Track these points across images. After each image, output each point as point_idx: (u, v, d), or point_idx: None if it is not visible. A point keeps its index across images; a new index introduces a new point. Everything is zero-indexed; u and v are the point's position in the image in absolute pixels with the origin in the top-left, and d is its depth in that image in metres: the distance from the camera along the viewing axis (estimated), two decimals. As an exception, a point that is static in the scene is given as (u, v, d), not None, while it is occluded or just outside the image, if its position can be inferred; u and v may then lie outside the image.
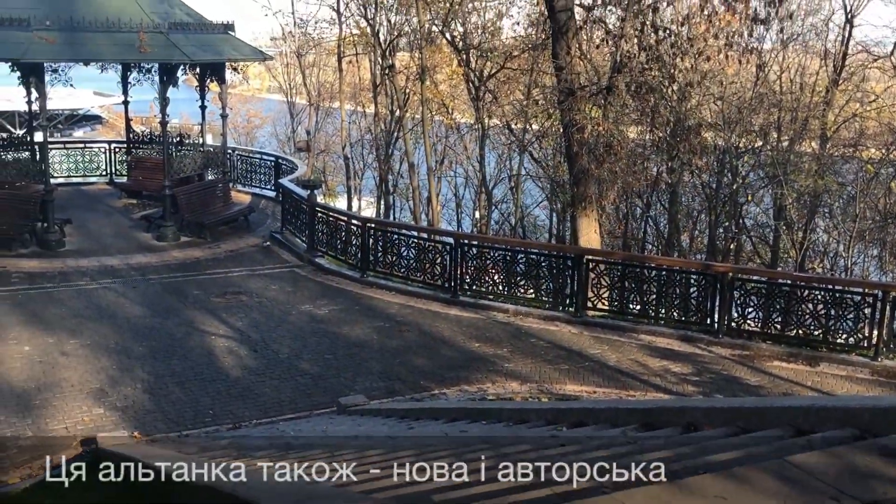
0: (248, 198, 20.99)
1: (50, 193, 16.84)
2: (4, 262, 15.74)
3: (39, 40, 15.41)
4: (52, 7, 16.14)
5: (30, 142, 20.53)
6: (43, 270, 15.41)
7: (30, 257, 16.11)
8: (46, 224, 16.68)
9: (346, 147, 33.33)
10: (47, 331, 12.18)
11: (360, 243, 15.72)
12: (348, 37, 29.98)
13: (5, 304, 13.53)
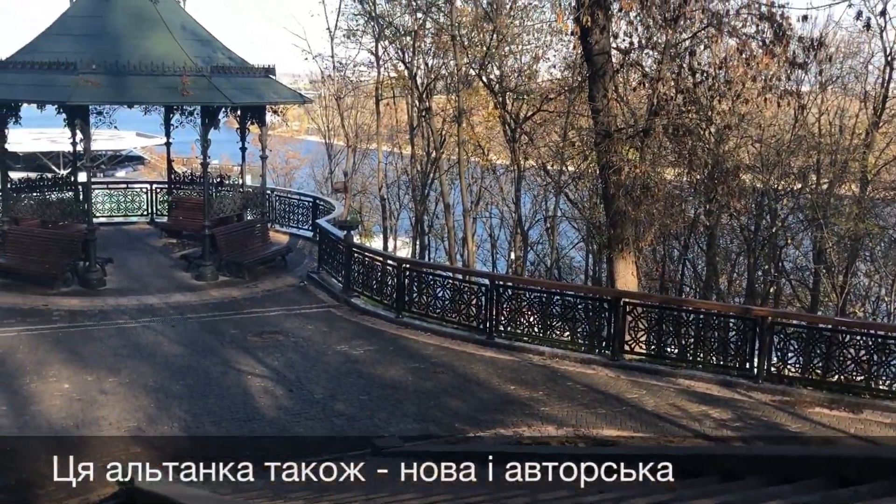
0: (285, 238, 21.18)
1: (92, 233, 17.13)
2: (46, 300, 16.01)
3: (85, 84, 15.80)
4: (99, 51, 16.57)
5: (74, 182, 20.94)
6: (84, 309, 15.63)
7: (71, 296, 16.36)
8: (88, 263, 16.94)
9: (382, 188, 33.61)
10: (86, 369, 12.32)
11: (395, 284, 15.75)
12: (386, 80, 30.37)
13: (46, 341, 13.73)
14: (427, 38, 27.42)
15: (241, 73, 18.00)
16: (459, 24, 24.23)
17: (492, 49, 24.26)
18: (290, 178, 52.37)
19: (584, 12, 15.18)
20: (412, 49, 28.01)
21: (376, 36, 28.83)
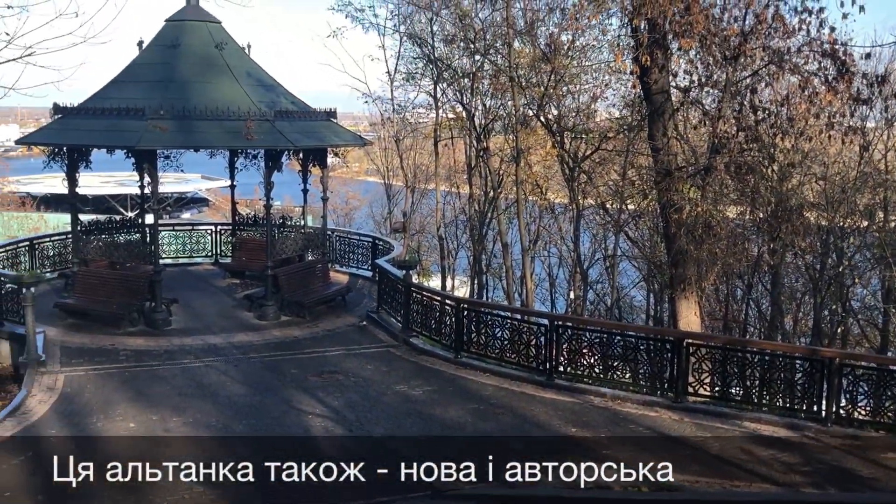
0: (345, 277, 21.39)
1: (159, 274, 17.53)
2: (113, 339, 16.38)
3: (154, 129, 16.30)
4: (167, 97, 17.10)
5: (141, 224, 21.49)
6: (149, 348, 15.95)
7: (137, 335, 16.71)
8: (154, 303, 17.32)
9: (440, 227, 33.78)
10: (151, 408, 12.55)
11: (453, 323, 15.76)
12: (444, 121, 30.66)
13: (113, 380, 14.05)
14: (485, 79, 27.65)
15: (304, 117, 18.40)
16: (517, 66, 24.40)
17: (549, 89, 24.34)
18: (349, 219, 53.06)
19: (642, 52, 15.20)
20: (470, 90, 28.26)
21: (435, 79, 29.18)
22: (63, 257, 21.14)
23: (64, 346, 15.76)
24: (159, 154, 18.61)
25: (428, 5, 27.14)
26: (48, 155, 18.40)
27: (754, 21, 15.17)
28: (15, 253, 20.39)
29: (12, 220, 49.09)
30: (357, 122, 47.38)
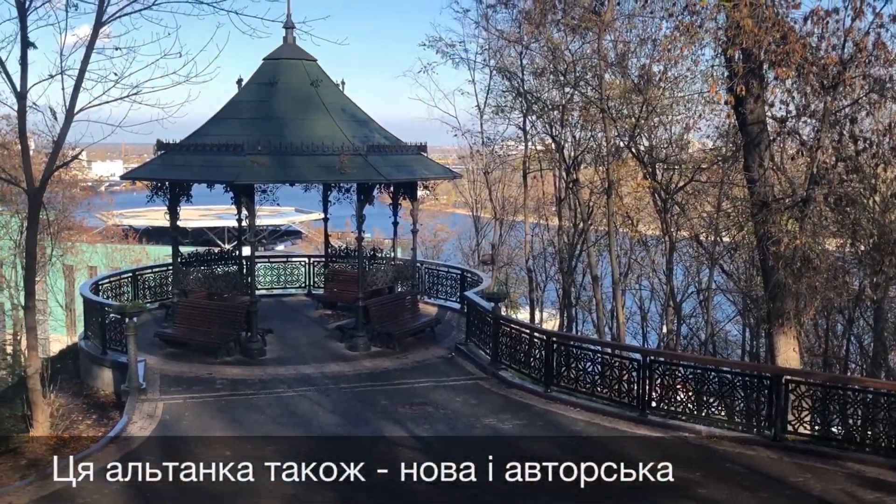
0: (434, 309, 21.50)
1: (255, 304, 17.97)
2: (210, 368, 16.83)
3: (252, 164, 16.82)
4: (265, 133, 17.62)
5: (238, 256, 22.10)
6: (245, 378, 16.33)
7: (233, 365, 17.14)
8: (250, 334, 17.74)
9: (528, 260, 33.65)
10: (247, 437, 12.80)
11: (543, 357, 15.64)
12: (533, 153, 30.67)
13: (210, 409, 14.42)
14: (574, 111, 27.59)
15: (395, 151, 18.71)
16: (608, 97, 24.29)
17: (641, 120, 24.13)
18: (437, 251, 53.34)
19: (738, 82, 14.93)
20: (560, 122, 28.24)
21: (524, 111, 29.26)
22: (163, 288, 21.89)
23: (163, 375, 16.27)
24: (257, 188, 19.13)
25: (518, 39, 27.32)
26: (151, 189, 19.16)
27: (854, 49, 14.75)
28: (118, 284, 21.21)
29: (116, 252, 51.09)
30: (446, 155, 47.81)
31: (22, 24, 13.54)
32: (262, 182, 19.44)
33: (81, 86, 13.88)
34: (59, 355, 21.30)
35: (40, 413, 14.18)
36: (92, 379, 17.10)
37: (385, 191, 19.87)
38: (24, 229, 32.81)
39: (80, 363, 18.04)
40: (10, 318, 38.44)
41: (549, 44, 26.02)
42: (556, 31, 25.23)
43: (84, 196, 47.08)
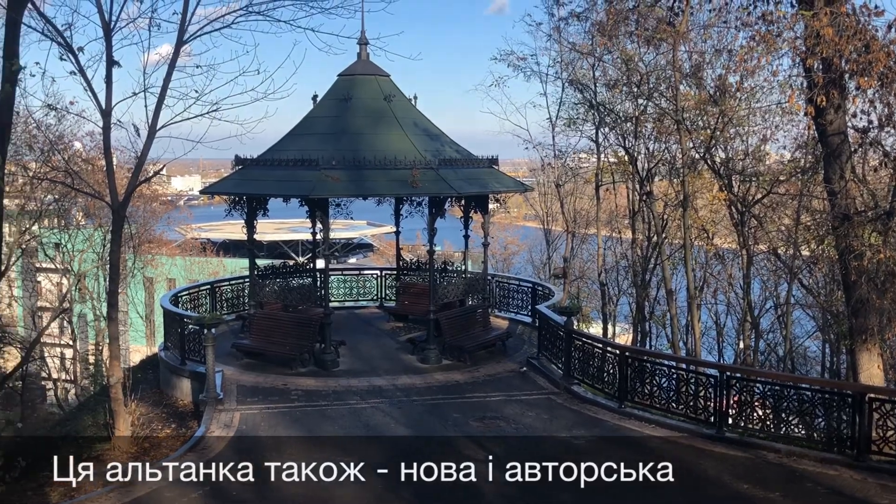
0: (505, 323, 21.45)
1: (328, 317, 18.20)
2: (285, 379, 17.08)
3: (326, 178, 17.07)
4: (339, 148, 17.89)
5: (312, 269, 22.41)
6: (318, 389, 16.53)
7: (307, 376, 17.36)
8: (324, 345, 17.97)
9: (601, 273, 33.34)
10: (321, 447, 12.93)
11: (616, 372, 15.45)
12: (606, 165, 30.42)
13: (285, 419, 14.63)
14: (648, 123, 27.28)
15: (467, 165, 18.77)
16: (683, 109, 23.96)
17: (717, 132, 23.71)
18: (508, 264, 53.25)
19: (818, 92, 14.55)
20: (633, 134, 27.96)
21: (596, 123, 29.07)
22: (239, 300, 22.33)
23: (240, 385, 16.59)
24: (331, 202, 19.40)
25: (590, 51, 27.17)
26: (229, 203, 19.60)
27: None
28: (197, 295, 21.71)
29: (194, 265, 52.39)
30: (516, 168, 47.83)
31: (107, 43, 14.03)
32: (336, 196, 19.70)
33: (163, 103, 14.31)
34: (140, 365, 21.88)
35: (122, 421, 14.58)
36: (171, 388, 17.53)
37: (456, 204, 19.96)
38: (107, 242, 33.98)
39: (160, 373, 18.51)
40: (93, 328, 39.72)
41: (622, 55, 25.81)
42: (630, 42, 25.01)
43: (164, 210, 48.47)
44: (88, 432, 16.79)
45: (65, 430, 18.24)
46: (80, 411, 20.17)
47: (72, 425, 18.36)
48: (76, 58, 13.77)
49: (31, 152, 27.11)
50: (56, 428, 20.04)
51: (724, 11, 18.69)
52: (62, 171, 22.45)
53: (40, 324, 37.60)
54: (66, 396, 37.29)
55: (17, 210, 29.89)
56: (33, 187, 28.74)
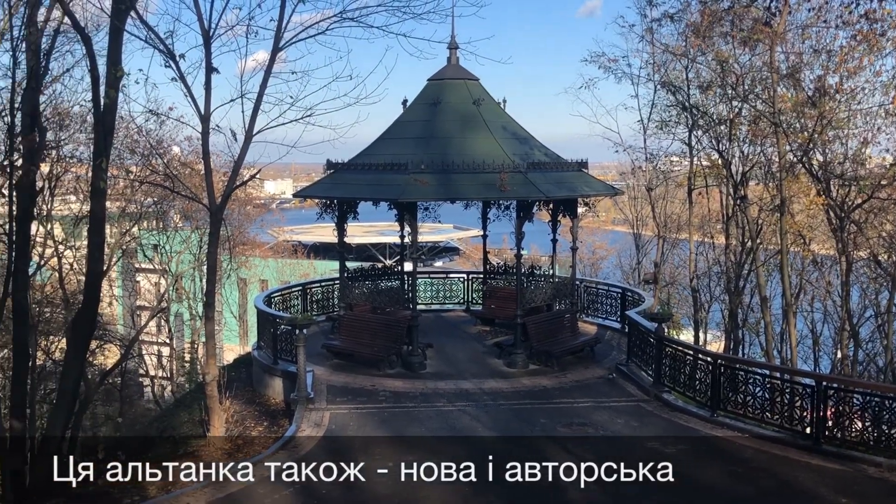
0: (593, 328, 21.24)
1: (416, 319, 18.35)
2: (373, 380, 17.29)
3: (415, 182, 17.21)
4: (428, 152, 18.03)
5: (400, 271, 22.65)
6: (406, 390, 16.67)
7: (394, 377, 17.53)
8: (411, 347, 18.12)
9: (693, 279, 32.67)
10: (409, 449, 13.04)
11: (708, 380, 15.10)
12: (698, 169, 29.81)
13: (373, 419, 14.80)
14: (743, 125, 26.60)
15: (555, 168, 18.66)
16: (780, 111, 23.28)
17: (815, 134, 22.97)
18: (596, 269, 52.68)
19: (924, 93, 13.98)
20: (728, 137, 27.33)
21: (689, 126, 28.50)
22: (329, 301, 22.71)
23: (330, 385, 16.86)
24: (419, 206, 19.54)
25: (683, 53, 26.68)
26: (321, 207, 19.96)
27: None
28: (288, 297, 22.17)
29: (285, 267, 53.48)
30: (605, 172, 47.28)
31: (206, 50, 14.48)
32: (425, 200, 19.81)
33: (259, 108, 14.68)
34: (234, 364, 22.46)
35: (216, 418, 14.99)
36: (263, 387, 17.95)
37: (544, 207, 19.85)
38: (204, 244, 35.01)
39: (253, 372, 18.97)
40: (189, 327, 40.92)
41: (716, 57, 25.25)
42: (724, 43, 24.46)
43: (257, 213, 49.66)
44: (184, 429, 17.34)
45: (162, 426, 18.88)
46: (176, 408, 20.84)
47: (168, 422, 18.99)
48: (177, 65, 14.25)
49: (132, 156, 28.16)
50: (153, 424, 20.76)
51: (823, 10, 18.16)
52: (161, 174, 23.24)
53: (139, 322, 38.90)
54: (163, 393, 38.52)
55: (118, 212, 31.04)
56: (134, 190, 29.79)
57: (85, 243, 23.00)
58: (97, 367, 30.72)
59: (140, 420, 27.73)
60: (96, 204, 15.86)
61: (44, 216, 25.08)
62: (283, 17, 14.65)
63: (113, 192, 27.19)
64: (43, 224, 25.43)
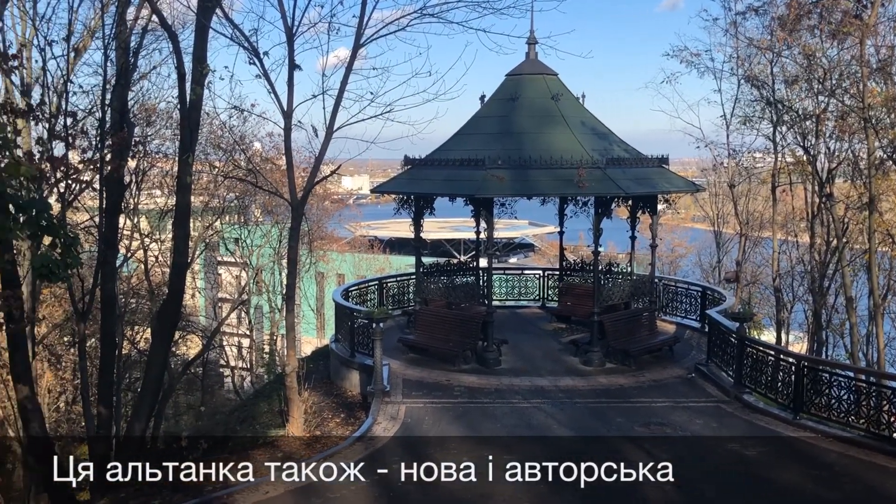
0: (671, 327, 20.91)
1: (491, 315, 18.34)
2: (448, 375, 17.35)
3: (492, 178, 17.18)
4: (505, 148, 17.97)
5: (475, 267, 22.65)
6: (481, 386, 16.68)
7: (469, 373, 17.55)
8: (486, 343, 18.12)
9: (776, 278, 31.85)
10: (483, 444, 13.04)
11: (791, 382, 14.71)
12: (783, 165, 29.03)
13: (448, 414, 14.86)
14: (830, 121, 25.81)
15: (635, 164, 18.40)
16: (869, 106, 22.51)
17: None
18: (674, 266, 51.86)
19: None
20: (814, 133, 26.55)
21: (774, 121, 27.78)
22: (404, 296, 22.88)
23: (405, 379, 16.99)
24: (495, 202, 19.51)
25: (769, 46, 26.01)
26: (398, 202, 20.11)
27: None
28: (365, 291, 22.41)
29: (362, 261, 54.07)
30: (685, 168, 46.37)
31: (289, 47, 14.73)
32: (501, 196, 19.82)
33: (340, 105, 14.87)
34: (312, 356, 22.84)
35: (295, 409, 15.25)
36: (340, 379, 18.20)
37: (623, 204, 19.58)
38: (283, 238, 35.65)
39: (331, 364, 19.25)
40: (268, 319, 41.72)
41: (803, 50, 24.55)
42: (812, 37, 23.76)
43: (335, 208, 50.27)
44: (263, 419, 17.71)
45: (242, 416, 19.31)
46: (255, 399, 21.29)
47: (248, 412, 19.42)
48: (261, 62, 14.54)
49: (215, 151, 28.84)
50: (234, 414, 21.24)
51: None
52: (244, 169, 23.76)
53: (220, 314, 39.85)
54: (242, 384, 39.37)
55: (201, 207, 31.83)
56: (217, 185, 30.50)
57: (170, 236, 23.69)
58: (180, 358, 31.61)
59: (220, 410, 28.39)
60: (182, 198, 16.27)
61: (131, 210, 25.90)
62: (365, 14, 14.82)
63: (197, 187, 27.86)
64: (130, 217, 26.26)
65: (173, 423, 24.21)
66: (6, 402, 20.83)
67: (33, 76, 20.04)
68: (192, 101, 15.72)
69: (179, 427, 21.86)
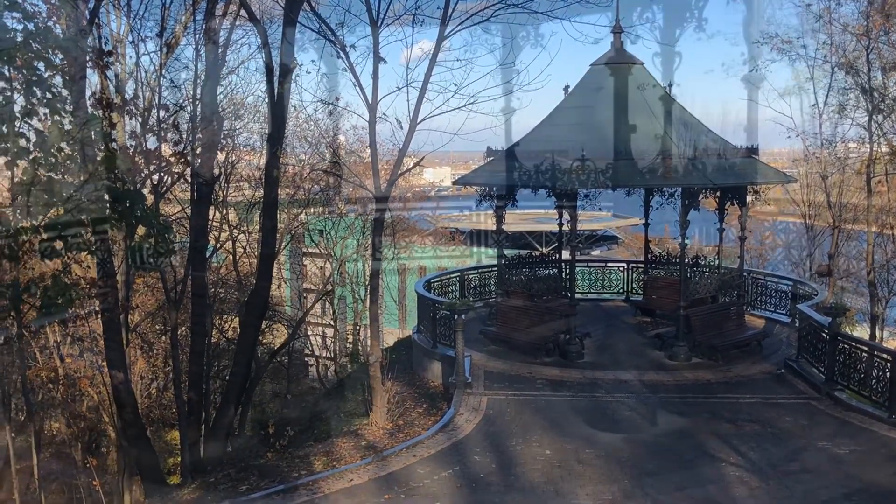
0: (760, 322, 20.39)
1: (573, 308, 18.20)
2: (530, 368, 17.29)
3: (576, 169, 16.98)
4: (589, 139, 17.72)
5: (557, 259, 22.49)
6: (563, 379, 16.57)
7: (551, 366, 17.46)
8: (569, 336, 17.98)
9: (870, 272, 30.72)
10: (565, 437, 13.00)
11: (887, 379, 14.17)
12: (878, 155, 27.95)
13: (530, 407, 14.82)
14: (930, 110, 24.76)
15: (723, 155, 17.92)
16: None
17: None
18: (763, 260, 50.46)
19: None
20: (912, 121, 25.50)
21: (869, 110, 26.76)
22: (485, 288, 22.87)
23: (487, 371, 17.00)
24: (579, 193, 19.30)
25: (864, 32, 25.06)
26: (480, 194, 20.07)
27: None
28: (446, 282, 22.49)
29: (443, 253, 54.17)
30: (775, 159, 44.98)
31: (374, 40, 14.87)
32: (585, 187, 19.56)
33: (424, 97, 14.94)
34: (394, 346, 23.05)
35: (379, 399, 15.43)
36: (422, 370, 18.33)
37: (711, 195, 19.14)
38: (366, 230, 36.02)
39: (413, 355, 19.41)
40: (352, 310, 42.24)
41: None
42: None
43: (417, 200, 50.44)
44: (348, 407, 18.00)
45: (327, 404, 19.66)
46: (339, 388, 21.64)
47: (332, 400, 19.75)
48: (347, 56, 14.72)
49: (300, 144, 29.30)
50: (319, 402, 21.64)
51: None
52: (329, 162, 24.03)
53: (305, 304, 40.51)
54: (326, 373, 39.97)
55: (287, 199, 32.38)
56: (303, 178, 30.99)
57: (257, 228, 24.19)
58: (266, 346, 32.26)
59: (305, 398, 28.93)
60: (270, 190, 16.61)
61: (220, 202, 26.53)
62: (449, 5, 14.83)
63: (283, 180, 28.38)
64: (219, 209, 26.90)
65: (260, 411, 24.73)
66: (101, 388, 21.62)
67: (127, 71, 20.69)
68: (280, 95, 16.01)
69: (266, 414, 22.31)
